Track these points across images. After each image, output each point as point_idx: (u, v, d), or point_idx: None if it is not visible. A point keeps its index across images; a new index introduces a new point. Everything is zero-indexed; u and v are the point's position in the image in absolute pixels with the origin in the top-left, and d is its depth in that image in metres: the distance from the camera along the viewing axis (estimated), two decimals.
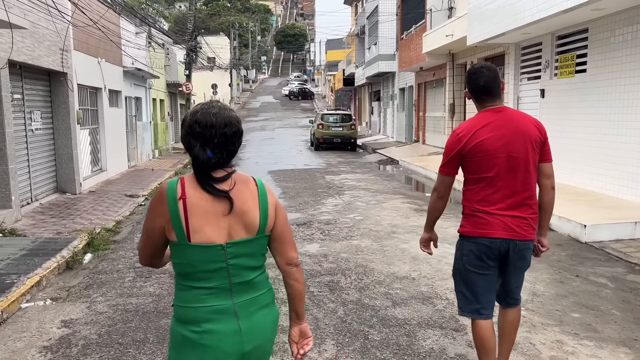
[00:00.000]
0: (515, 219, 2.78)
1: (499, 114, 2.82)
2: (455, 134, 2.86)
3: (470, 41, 11.97)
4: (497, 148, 2.75)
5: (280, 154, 21.31)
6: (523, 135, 2.78)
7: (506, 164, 2.75)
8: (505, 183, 2.77)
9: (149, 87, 19.91)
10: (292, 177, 13.57)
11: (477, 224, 2.83)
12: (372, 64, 27.00)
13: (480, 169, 2.79)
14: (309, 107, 54.46)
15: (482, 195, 2.81)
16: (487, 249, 2.81)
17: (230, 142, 1.87)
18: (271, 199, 1.91)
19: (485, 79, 2.85)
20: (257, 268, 1.91)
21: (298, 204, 9.57)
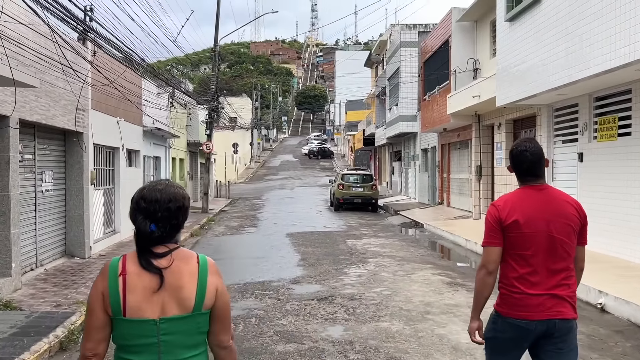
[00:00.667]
0: (553, 298, 2.71)
1: (540, 192, 2.79)
2: (495, 206, 2.82)
3: (499, 102, 11.50)
4: (536, 226, 2.71)
5: (300, 214, 20.73)
6: (563, 216, 2.75)
7: (545, 243, 2.71)
8: (543, 262, 2.72)
9: (168, 146, 19.79)
10: (311, 241, 12.89)
11: (513, 305, 2.74)
12: (394, 124, 26.77)
13: (518, 245, 2.73)
14: (329, 166, 54.39)
15: (520, 273, 2.74)
16: (522, 331, 2.73)
17: (174, 217, 1.93)
18: (212, 280, 1.93)
19: (529, 163, 2.83)
20: (194, 347, 1.92)
21: (318, 273, 8.84)
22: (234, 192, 34.18)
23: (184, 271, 1.89)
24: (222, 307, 1.94)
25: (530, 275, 2.72)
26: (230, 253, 11.67)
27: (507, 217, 2.73)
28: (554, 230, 2.71)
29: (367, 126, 39.86)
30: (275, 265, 9.73)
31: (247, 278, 8.57)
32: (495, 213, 2.78)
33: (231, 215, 21.39)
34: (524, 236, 2.71)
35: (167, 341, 1.86)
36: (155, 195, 1.94)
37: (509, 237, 2.74)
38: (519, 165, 2.85)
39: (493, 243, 2.77)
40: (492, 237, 2.78)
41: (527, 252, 2.72)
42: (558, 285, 2.72)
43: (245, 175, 51.34)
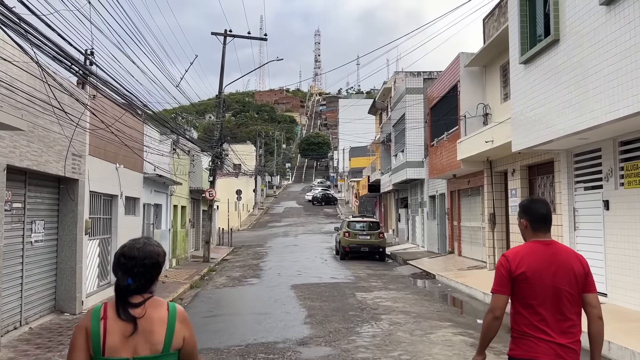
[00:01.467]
0: (561, 346, 2.88)
1: (547, 246, 3.01)
2: (505, 256, 3.03)
3: (515, 147, 10.99)
4: (543, 278, 2.91)
5: (304, 263, 19.94)
6: (568, 269, 2.95)
7: (552, 293, 2.91)
8: (551, 312, 2.91)
9: (170, 193, 19.27)
10: (318, 294, 12.10)
11: (527, 348, 2.91)
12: (400, 170, 26.30)
13: (527, 295, 2.93)
14: (333, 213, 53.71)
15: (530, 320, 2.93)
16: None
17: (148, 272, 2.21)
18: (179, 327, 2.20)
19: (546, 209, 3.09)
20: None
21: (327, 332, 8.06)
22: (237, 239, 33.44)
23: (155, 318, 2.17)
24: (189, 351, 2.24)
25: (539, 323, 2.91)
26: (231, 308, 10.90)
27: (516, 268, 2.94)
28: (560, 282, 2.92)
29: (371, 172, 39.45)
30: (279, 322, 8.96)
31: (249, 338, 7.80)
32: (506, 264, 2.99)
33: (233, 265, 20.61)
34: (532, 287, 2.92)
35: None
36: (133, 253, 2.21)
37: (519, 286, 2.94)
38: (538, 211, 3.08)
39: (501, 291, 2.98)
40: (501, 285, 2.98)
41: (535, 302, 2.92)
42: (565, 333, 2.91)
43: (249, 222, 50.63)
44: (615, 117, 7.36)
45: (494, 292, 3.01)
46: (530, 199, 3.27)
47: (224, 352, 7.03)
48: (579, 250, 10.52)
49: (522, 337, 2.94)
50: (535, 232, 3.06)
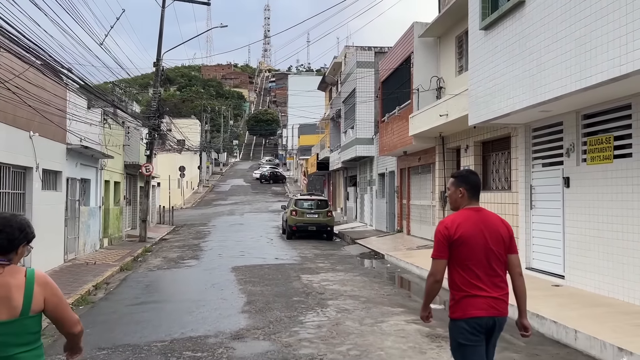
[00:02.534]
0: (494, 299, 3.31)
1: (478, 212, 3.40)
2: (444, 224, 3.36)
3: (472, 121, 10.31)
4: (476, 240, 3.30)
5: (249, 243, 18.92)
6: (496, 232, 3.38)
7: (484, 254, 3.31)
8: (484, 269, 3.30)
9: (100, 167, 17.64)
10: (260, 277, 11.14)
11: (467, 307, 3.26)
12: (349, 148, 25.55)
13: (464, 256, 3.29)
14: (281, 191, 52.72)
15: (467, 279, 3.28)
16: (476, 325, 3.26)
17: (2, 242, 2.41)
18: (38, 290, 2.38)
19: (479, 180, 3.53)
20: (24, 344, 2.36)
21: (268, 323, 7.12)
22: (179, 218, 31.91)
23: (12, 284, 2.35)
24: (54, 309, 2.44)
25: (475, 280, 3.25)
26: (161, 294, 9.77)
27: (454, 233, 3.27)
28: (490, 243, 3.31)
29: (320, 150, 38.60)
30: (214, 311, 7.94)
31: (176, 332, 6.75)
32: (445, 231, 3.30)
33: (172, 245, 19.31)
34: (468, 248, 3.26)
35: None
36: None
37: (457, 251, 3.27)
38: (475, 181, 3.45)
39: (441, 256, 3.30)
40: (441, 250, 3.30)
41: (470, 262, 3.26)
42: (497, 287, 3.30)
43: (193, 200, 48.84)
44: (587, 84, 6.70)
45: (435, 257, 3.32)
46: (467, 170, 3.62)
47: (143, 350, 5.97)
48: (534, 230, 10.04)
49: (461, 297, 3.26)
50: (470, 200, 3.41)
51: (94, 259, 14.75)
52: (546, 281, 9.10)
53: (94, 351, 5.96)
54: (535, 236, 9.97)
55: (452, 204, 3.50)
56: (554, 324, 6.42)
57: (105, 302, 9.12)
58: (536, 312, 6.88)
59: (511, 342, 6.24)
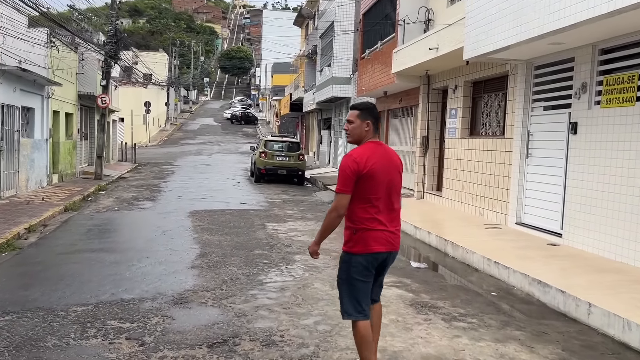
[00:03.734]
0: (392, 233, 3.36)
1: (381, 146, 3.44)
2: (352, 157, 3.29)
3: (467, 54, 8.96)
4: (382, 174, 3.30)
5: (213, 185, 17.59)
6: (396, 166, 3.45)
7: (386, 187, 3.32)
8: (384, 203, 3.32)
9: (47, 95, 15.75)
10: (220, 225, 9.90)
11: (368, 241, 3.29)
12: (324, 87, 23.96)
13: (368, 190, 3.26)
14: (252, 133, 51.03)
15: (370, 214, 3.28)
16: (373, 260, 3.33)
17: None
18: None
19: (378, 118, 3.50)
20: None
21: (220, 284, 5.92)
22: (143, 156, 30.21)
23: None
24: None
25: (377, 215, 3.30)
26: (102, 241, 8.44)
27: (364, 167, 3.24)
28: (392, 176, 3.37)
29: (294, 90, 36.79)
30: (158, 265, 6.70)
31: (105, 292, 5.50)
32: (354, 165, 3.25)
33: (129, 184, 17.85)
34: (374, 182, 3.26)
35: None
36: None
37: (363, 185, 3.25)
38: (377, 119, 3.47)
39: (347, 191, 3.27)
40: (347, 185, 3.26)
41: (374, 196, 3.28)
42: (394, 220, 3.40)
43: (159, 138, 46.79)
44: (622, 4, 5.39)
45: (341, 192, 3.28)
46: (370, 103, 3.60)
47: (58, 316, 4.72)
48: (529, 182, 9.00)
49: (362, 231, 3.27)
50: (375, 133, 3.41)
51: (37, 197, 13.24)
52: (540, 239, 8.12)
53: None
54: (529, 188, 8.92)
55: (355, 137, 3.44)
56: (561, 294, 5.41)
57: (34, 249, 7.78)
58: (537, 277, 5.86)
59: (511, 315, 5.21)
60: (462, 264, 7.53)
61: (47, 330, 4.39)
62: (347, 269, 3.34)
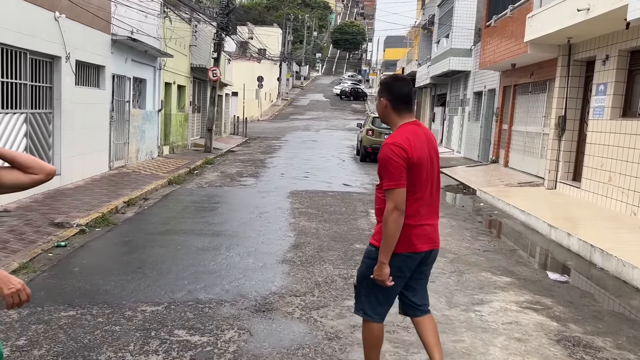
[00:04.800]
0: (433, 228, 2.90)
1: (419, 127, 2.89)
2: (398, 144, 2.76)
3: (634, 14, 7.05)
4: (425, 161, 2.82)
5: (317, 162, 16.87)
6: (435, 149, 2.94)
7: (429, 176, 2.85)
8: (426, 194, 2.85)
9: (159, 67, 15.85)
10: (319, 209, 9.01)
11: (408, 239, 2.80)
12: (441, 60, 22.10)
13: (414, 180, 2.79)
14: (360, 109, 49.94)
15: (413, 208, 2.80)
16: (411, 261, 2.85)
17: None
18: None
19: (408, 88, 2.90)
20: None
21: (312, 287, 4.97)
22: (254, 130, 30.51)
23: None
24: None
25: (421, 208, 2.82)
26: (195, 221, 7.90)
27: (412, 154, 2.74)
28: (433, 163, 2.87)
29: (407, 64, 34.97)
30: (246, 256, 5.92)
31: (182, 287, 4.80)
32: (403, 153, 2.74)
33: (236, 158, 17.70)
34: (418, 171, 2.78)
35: None
36: None
37: (410, 174, 2.76)
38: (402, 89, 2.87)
39: (401, 185, 2.74)
40: (401, 178, 2.74)
41: (416, 187, 2.79)
42: (435, 214, 2.93)
43: (270, 112, 47.39)
44: None
45: (396, 186, 2.73)
46: (393, 77, 3.02)
47: (124, 316, 4.06)
48: None
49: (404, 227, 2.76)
50: (400, 113, 2.87)
51: (145, 168, 13.34)
52: None
53: (58, 307, 4.15)
54: None
55: (380, 117, 3.01)
56: None
57: (126, 226, 7.42)
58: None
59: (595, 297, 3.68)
60: (615, 279, 5.92)
61: (107, 336, 3.73)
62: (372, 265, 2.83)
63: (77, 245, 6.21)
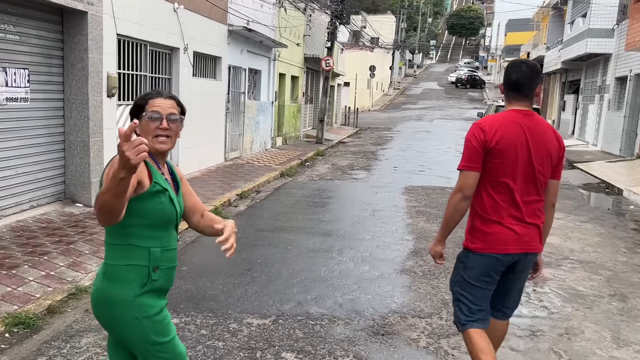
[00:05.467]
0: (527, 229, 2.62)
1: (527, 117, 2.63)
2: (479, 125, 2.62)
3: None
4: (518, 152, 2.57)
5: (433, 155, 15.87)
6: (545, 147, 2.63)
7: (525, 171, 2.60)
8: (520, 192, 2.61)
9: (274, 58, 15.80)
10: (439, 208, 8.17)
11: (493, 238, 2.61)
12: (575, 43, 19.81)
13: (499, 171, 2.59)
14: (478, 97, 47.29)
15: (498, 203, 2.61)
16: (497, 263, 2.63)
17: None
18: None
19: (519, 74, 2.64)
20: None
21: (438, 306, 4.25)
22: (364, 120, 29.99)
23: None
24: None
25: (509, 205, 2.61)
26: (305, 218, 7.48)
27: (492, 138, 2.57)
28: (535, 159, 2.61)
29: (532, 49, 32.20)
30: (360, 263, 5.33)
31: (291, 297, 4.33)
32: (480, 134, 2.59)
33: (347, 150, 17.26)
34: (505, 161, 2.58)
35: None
36: None
37: (491, 162, 2.59)
38: (509, 76, 2.67)
39: (472, 167, 2.60)
40: (472, 160, 2.60)
41: (506, 179, 2.59)
42: (533, 215, 2.64)
43: (381, 102, 46.52)
44: None
45: (463, 168, 2.62)
46: (512, 62, 2.76)
47: (228, 329, 3.68)
48: None
49: (487, 224, 2.61)
50: (508, 99, 2.69)
51: (259, 160, 13.32)
52: None
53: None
54: None
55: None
56: None
57: (238, 221, 7.14)
58: None
59: None
60: None
61: (209, 354, 3.34)
62: (463, 270, 2.71)
63: (188, 240, 6.04)
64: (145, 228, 1.94)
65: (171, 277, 2.05)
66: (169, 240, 2.02)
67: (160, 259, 1.97)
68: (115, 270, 1.93)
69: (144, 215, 1.92)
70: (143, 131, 1.97)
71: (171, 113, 1.99)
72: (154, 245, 1.95)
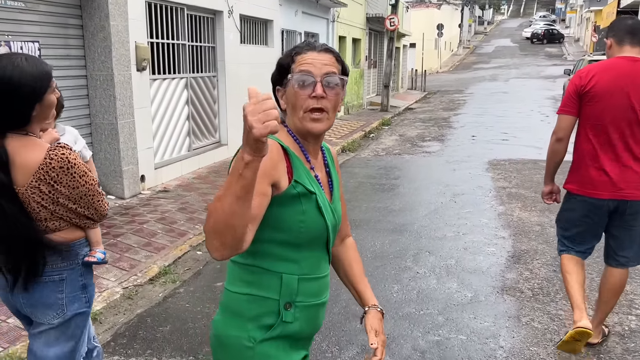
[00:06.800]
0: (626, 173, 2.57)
1: (633, 62, 2.58)
2: (578, 73, 2.69)
3: None
4: (615, 95, 2.54)
5: (515, 119, 14.06)
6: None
7: (624, 114, 2.55)
8: (621, 134, 2.57)
9: (332, 19, 14.39)
10: (536, 189, 6.67)
11: (585, 181, 2.66)
12: None
13: (592, 115, 2.61)
14: (557, 53, 43.40)
15: (593, 145, 2.62)
16: (590, 207, 2.68)
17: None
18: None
19: (635, 20, 2.68)
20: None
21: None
22: (433, 83, 28.00)
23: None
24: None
25: (605, 149, 2.59)
26: (368, 207, 6.21)
27: (587, 84, 2.60)
28: (636, 103, 2.53)
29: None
30: (444, 276, 4.04)
31: (351, 340, 3.15)
32: (577, 81, 2.65)
33: (416, 117, 15.72)
34: (601, 104, 2.57)
35: None
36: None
37: (587, 106, 2.61)
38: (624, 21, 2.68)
39: (567, 111, 2.68)
40: (568, 105, 2.68)
41: (602, 122, 2.58)
42: (635, 160, 2.57)
43: (450, 63, 43.75)
44: None
45: (559, 112, 2.73)
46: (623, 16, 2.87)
47: None
48: None
49: (580, 168, 2.67)
50: (619, 44, 2.63)
51: None
52: None
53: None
54: None
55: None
56: None
57: None
58: None
59: None
60: None
61: None
62: (563, 209, 2.84)
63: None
64: (279, 245, 1.37)
65: (315, 319, 1.46)
66: (314, 266, 1.43)
67: (298, 292, 1.39)
68: (235, 301, 1.41)
69: (277, 227, 1.35)
70: (290, 104, 1.39)
71: (328, 73, 1.36)
72: (289, 270, 1.38)
